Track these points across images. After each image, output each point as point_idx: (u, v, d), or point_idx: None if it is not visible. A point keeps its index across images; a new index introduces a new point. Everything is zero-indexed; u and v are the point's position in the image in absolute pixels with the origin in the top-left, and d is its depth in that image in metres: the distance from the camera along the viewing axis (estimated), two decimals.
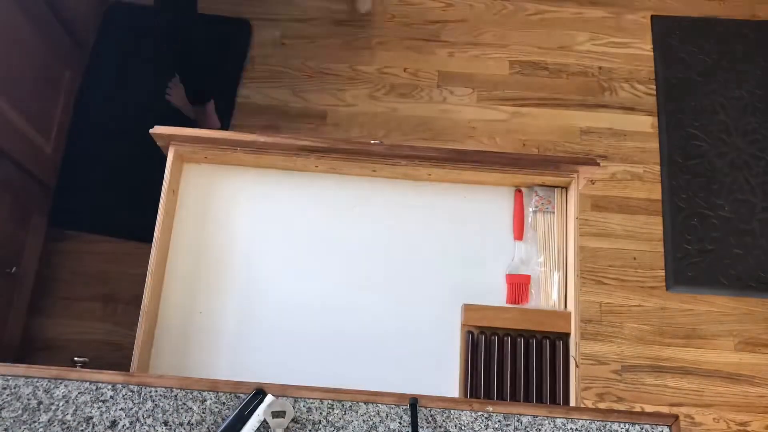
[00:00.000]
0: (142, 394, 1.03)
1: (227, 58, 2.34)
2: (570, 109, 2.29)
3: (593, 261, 2.11)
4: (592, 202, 2.17)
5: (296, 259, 1.33)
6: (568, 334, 1.26)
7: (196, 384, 1.05)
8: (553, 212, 1.36)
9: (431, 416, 1.02)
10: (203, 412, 1.02)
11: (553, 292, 1.30)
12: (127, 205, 2.08)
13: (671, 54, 2.36)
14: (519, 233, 1.35)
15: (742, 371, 2.01)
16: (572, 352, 1.24)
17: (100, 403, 1.02)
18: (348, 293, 1.32)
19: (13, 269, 1.83)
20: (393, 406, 1.03)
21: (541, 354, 1.26)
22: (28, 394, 1.03)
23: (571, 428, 1.02)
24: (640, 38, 2.40)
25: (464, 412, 1.03)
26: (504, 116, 2.28)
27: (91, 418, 1.01)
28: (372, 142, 1.43)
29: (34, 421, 1.01)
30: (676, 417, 1.04)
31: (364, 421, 1.02)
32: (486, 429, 1.02)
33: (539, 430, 1.02)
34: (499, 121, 2.27)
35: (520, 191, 1.38)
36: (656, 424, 1.03)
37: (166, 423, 1.01)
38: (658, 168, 2.22)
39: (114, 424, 1.01)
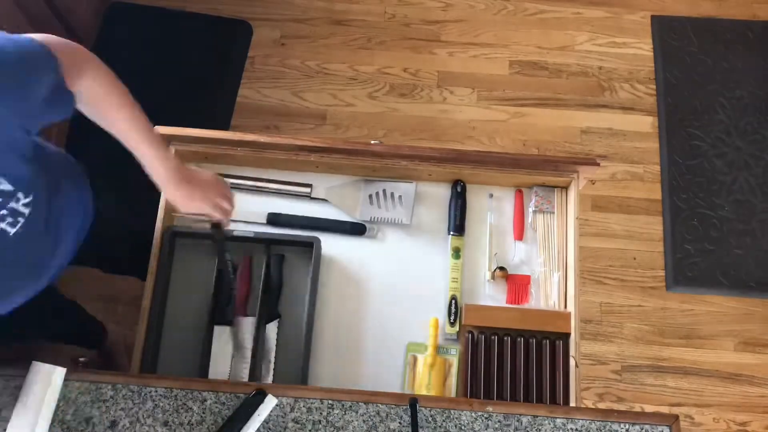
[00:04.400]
0: (142, 394, 1.03)
1: (227, 58, 2.33)
2: (570, 109, 2.29)
3: (593, 261, 2.11)
4: (592, 202, 2.17)
5: None
6: (568, 334, 1.26)
7: (196, 384, 1.05)
8: (553, 212, 1.36)
9: (431, 416, 1.02)
10: (203, 412, 1.02)
11: (553, 292, 1.30)
12: (127, 205, 2.08)
13: (671, 54, 2.36)
14: (519, 233, 1.35)
15: (742, 371, 2.01)
16: (572, 352, 1.24)
17: (100, 403, 1.02)
18: (347, 292, 1.32)
19: None
20: (393, 406, 1.03)
21: (541, 354, 1.26)
22: None
23: (571, 428, 1.02)
24: (640, 38, 2.40)
25: (464, 412, 1.03)
26: (504, 116, 2.28)
27: (91, 418, 1.01)
28: (372, 142, 1.43)
29: None
30: (676, 417, 1.04)
31: (364, 421, 1.02)
32: (486, 429, 1.02)
33: (539, 430, 1.02)
34: (499, 121, 2.27)
35: (520, 191, 1.38)
36: (656, 424, 1.03)
37: (166, 423, 1.01)
38: (658, 168, 2.22)
39: (114, 424, 1.01)
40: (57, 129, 2.09)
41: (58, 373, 1.02)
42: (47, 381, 1.01)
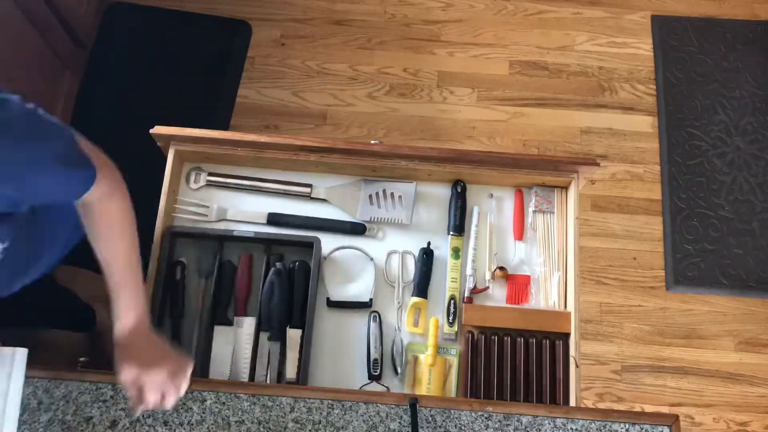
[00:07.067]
0: None
1: (227, 58, 2.34)
2: (570, 109, 2.29)
3: (593, 261, 2.11)
4: (592, 202, 2.17)
5: None
6: (568, 334, 1.26)
7: (196, 384, 1.05)
8: (553, 212, 1.36)
9: (431, 416, 1.02)
10: (203, 412, 1.02)
11: (553, 292, 1.30)
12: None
13: (671, 54, 2.36)
14: (519, 233, 1.35)
15: (742, 371, 2.01)
16: (572, 352, 1.24)
17: (100, 403, 1.02)
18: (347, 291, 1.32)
19: None
20: (393, 406, 1.03)
21: (541, 354, 1.26)
22: (28, 394, 1.03)
23: (571, 428, 1.02)
24: (640, 38, 2.40)
25: (464, 412, 1.03)
26: (504, 116, 2.28)
27: (91, 418, 1.01)
28: (372, 142, 1.43)
29: (35, 421, 1.01)
30: (676, 417, 1.04)
31: (364, 421, 1.02)
32: (486, 429, 1.02)
33: (539, 430, 1.02)
34: (499, 121, 2.27)
35: (520, 191, 1.38)
36: (656, 424, 1.04)
37: (166, 423, 1.01)
38: (658, 168, 2.22)
39: (114, 424, 1.01)
40: None
41: (20, 353, 1.02)
42: (10, 364, 1.01)
